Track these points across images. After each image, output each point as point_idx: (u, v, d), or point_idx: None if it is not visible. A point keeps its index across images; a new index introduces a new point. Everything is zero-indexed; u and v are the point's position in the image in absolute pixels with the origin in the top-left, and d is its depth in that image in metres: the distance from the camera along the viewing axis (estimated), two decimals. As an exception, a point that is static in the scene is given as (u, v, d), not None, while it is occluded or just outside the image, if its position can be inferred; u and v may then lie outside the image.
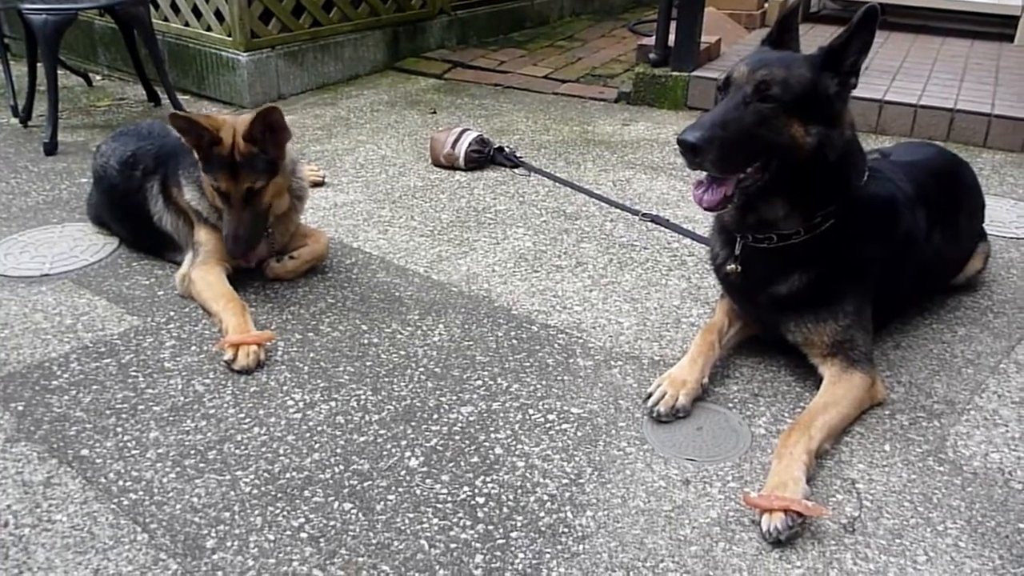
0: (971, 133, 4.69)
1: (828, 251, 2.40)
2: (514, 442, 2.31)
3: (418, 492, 2.13)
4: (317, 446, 2.29)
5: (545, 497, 2.12)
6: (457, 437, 2.33)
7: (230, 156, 2.83)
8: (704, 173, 2.31)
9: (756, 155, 2.26)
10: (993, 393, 2.54)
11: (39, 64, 4.72)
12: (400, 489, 2.14)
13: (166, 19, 5.77)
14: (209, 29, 5.53)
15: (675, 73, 5.36)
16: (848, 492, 2.14)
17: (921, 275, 2.72)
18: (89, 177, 3.80)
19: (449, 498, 2.11)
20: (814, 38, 2.34)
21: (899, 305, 2.81)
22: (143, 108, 5.51)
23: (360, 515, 2.05)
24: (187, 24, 5.66)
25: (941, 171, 2.92)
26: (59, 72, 4.81)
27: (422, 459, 2.25)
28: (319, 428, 2.36)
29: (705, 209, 2.34)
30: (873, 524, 2.03)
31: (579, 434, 2.35)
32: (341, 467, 2.21)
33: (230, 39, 5.43)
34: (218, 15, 5.47)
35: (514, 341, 2.80)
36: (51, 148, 4.55)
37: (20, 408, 2.43)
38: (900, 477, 2.19)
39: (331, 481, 2.16)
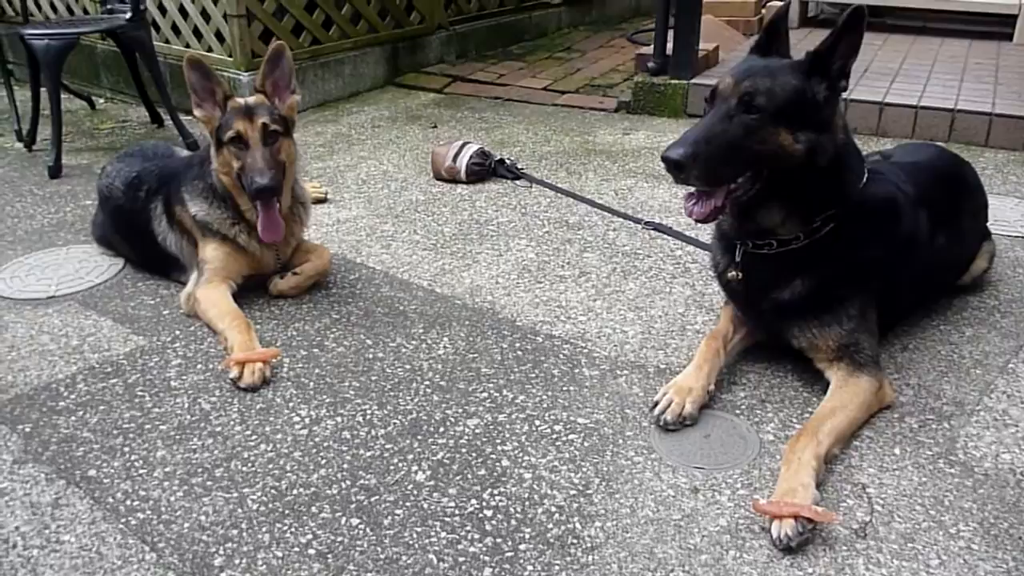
0: (972, 133, 4.68)
1: (830, 255, 2.39)
2: (521, 454, 2.31)
3: (425, 506, 2.12)
4: (324, 462, 2.29)
5: (553, 508, 2.11)
6: (464, 450, 2.33)
7: (243, 105, 2.96)
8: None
9: (745, 166, 2.25)
10: (1002, 393, 2.52)
11: (42, 88, 4.76)
12: (407, 503, 2.13)
13: (167, 41, 5.82)
14: (210, 50, 5.57)
15: (674, 81, 5.37)
16: (859, 497, 2.12)
17: (926, 276, 2.71)
18: (93, 199, 3.82)
19: (457, 511, 2.10)
20: (811, 43, 2.33)
21: (905, 307, 2.80)
22: (146, 130, 5.55)
23: (368, 530, 2.05)
24: (188, 45, 5.70)
25: (943, 171, 2.91)
26: (62, 96, 4.85)
27: (429, 473, 2.24)
28: (325, 444, 2.36)
29: (696, 221, 2.34)
30: (885, 528, 2.02)
31: (586, 444, 2.34)
32: (348, 482, 2.21)
33: (231, 59, 5.46)
34: (219, 36, 5.51)
35: (519, 352, 2.80)
36: (55, 171, 4.58)
37: (27, 429, 2.44)
38: (911, 480, 2.17)
39: (338, 497, 2.16)
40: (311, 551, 1.99)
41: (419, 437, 2.38)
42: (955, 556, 1.94)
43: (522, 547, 1.99)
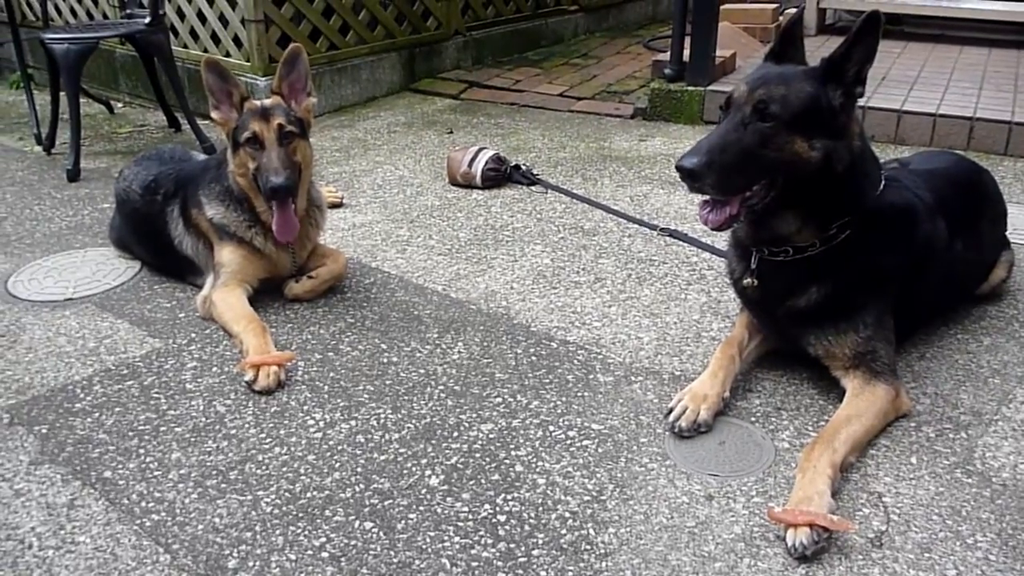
0: (992, 141, 4.64)
1: (846, 262, 2.38)
2: (535, 459, 2.30)
3: (439, 510, 2.12)
4: (337, 465, 2.29)
5: (567, 514, 2.10)
6: (477, 455, 2.33)
7: (260, 107, 2.99)
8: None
9: (760, 174, 2.24)
10: (1021, 403, 2.49)
11: (62, 93, 4.80)
12: (421, 508, 2.13)
13: (185, 46, 5.86)
14: (228, 55, 5.61)
15: (690, 88, 5.37)
16: (875, 506, 2.10)
17: (944, 285, 2.69)
18: (111, 202, 3.85)
19: (470, 516, 2.10)
20: (829, 51, 2.32)
21: (923, 315, 2.78)
22: (164, 134, 5.59)
23: (381, 534, 2.05)
24: (206, 50, 5.74)
25: (961, 179, 2.89)
26: (81, 100, 4.89)
27: (443, 477, 2.24)
28: (339, 447, 2.36)
29: (711, 229, 2.34)
30: (901, 538, 2.00)
31: (600, 450, 2.33)
32: (362, 486, 2.21)
33: (248, 64, 5.50)
34: (236, 41, 5.55)
35: (533, 358, 2.79)
36: (74, 175, 4.63)
37: (44, 431, 2.45)
38: (928, 490, 2.15)
39: (352, 500, 2.16)
40: (324, 554, 1.99)
41: (433, 442, 2.38)
42: (972, 567, 1.92)
43: (535, 553, 1.98)
